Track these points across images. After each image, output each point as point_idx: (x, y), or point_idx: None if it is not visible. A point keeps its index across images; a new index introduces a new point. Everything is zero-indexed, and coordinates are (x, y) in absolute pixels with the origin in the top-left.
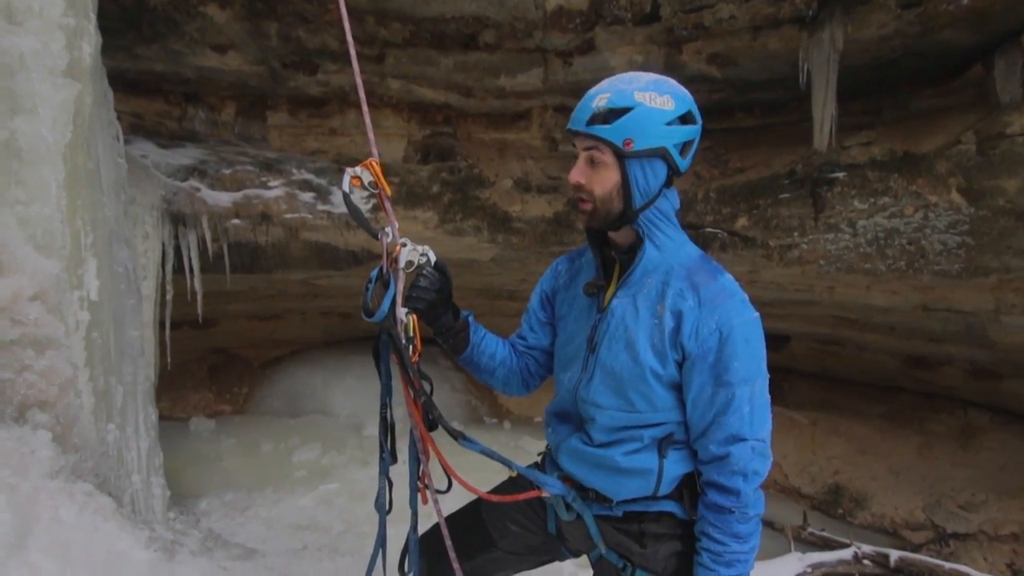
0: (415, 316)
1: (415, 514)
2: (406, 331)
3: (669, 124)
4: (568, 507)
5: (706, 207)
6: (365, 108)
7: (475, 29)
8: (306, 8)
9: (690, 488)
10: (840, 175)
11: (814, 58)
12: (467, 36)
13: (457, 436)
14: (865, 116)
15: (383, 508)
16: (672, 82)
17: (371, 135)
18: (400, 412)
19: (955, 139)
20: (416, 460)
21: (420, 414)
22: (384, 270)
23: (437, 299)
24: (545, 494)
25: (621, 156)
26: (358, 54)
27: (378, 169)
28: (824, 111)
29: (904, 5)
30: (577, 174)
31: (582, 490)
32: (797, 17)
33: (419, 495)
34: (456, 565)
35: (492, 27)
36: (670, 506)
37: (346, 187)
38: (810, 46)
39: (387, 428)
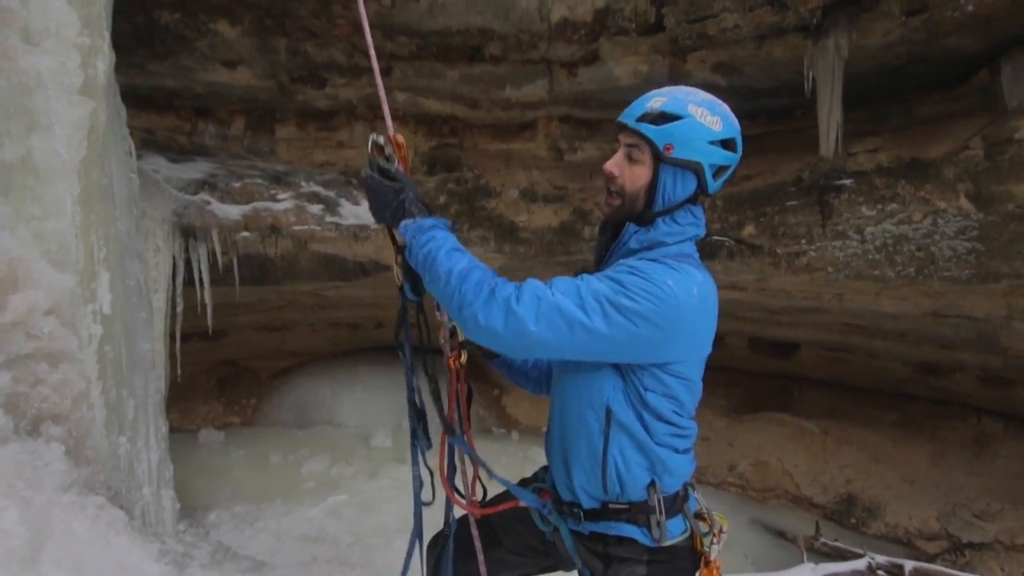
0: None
1: (418, 515)
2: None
3: (711, 143)
4: (544, 519)
5: (712, 215)
6: (382, 92)
7: (480, 42)
8: (314, 23)
9: (654, 513)
10: (847, 182)
11: (819, 66)
12: (472, 49)
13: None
14: (871, 123)
15: (418, 498)
16: (726, 108)
17: (387, 112)
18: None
19: (963, 144)
20: (415, 462)
21: (457, 382)
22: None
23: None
24: (522, 504)
25: (658, 159)
26: (365, 68)
27: (401, 141)
28: (830, 118)
29: (909, 12)
30: (612, 164)
31: (558, 503)
32: (801, 26)
33: (432, 494)
34: (481, 556)
35: (497, 39)
36: (631, 531)
37: (372, 146)
38: (815, 54)
39: (417, 413)
